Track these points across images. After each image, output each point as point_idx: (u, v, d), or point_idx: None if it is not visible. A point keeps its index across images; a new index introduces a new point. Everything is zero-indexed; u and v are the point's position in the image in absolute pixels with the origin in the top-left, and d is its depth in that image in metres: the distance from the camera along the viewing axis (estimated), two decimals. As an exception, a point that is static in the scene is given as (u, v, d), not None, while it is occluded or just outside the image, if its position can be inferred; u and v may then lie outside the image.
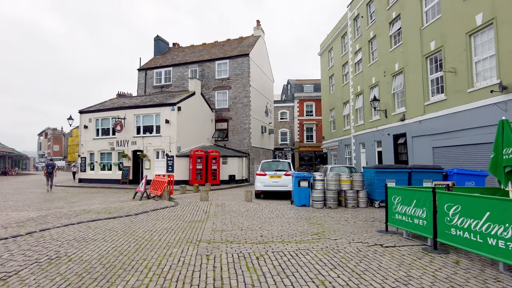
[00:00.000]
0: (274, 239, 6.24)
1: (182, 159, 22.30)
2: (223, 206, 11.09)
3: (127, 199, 13.88)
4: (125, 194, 16.55)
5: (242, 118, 26.90)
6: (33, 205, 12.24)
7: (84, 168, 24.98)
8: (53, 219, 8.62)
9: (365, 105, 22.95)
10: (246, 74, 26.90)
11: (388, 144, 19.73)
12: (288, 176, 12.97)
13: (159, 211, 10.18)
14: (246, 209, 10.37)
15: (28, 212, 10.16)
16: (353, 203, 10.81)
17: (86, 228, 7.30)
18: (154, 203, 12.13)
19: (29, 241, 6.02)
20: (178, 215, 9.39)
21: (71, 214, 9.49)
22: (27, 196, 15.75)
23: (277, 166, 13.46)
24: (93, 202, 13.01)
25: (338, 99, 28.60)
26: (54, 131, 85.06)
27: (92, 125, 24.94)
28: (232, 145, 27.09)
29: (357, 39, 24.48)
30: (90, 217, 8.88)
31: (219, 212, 9.83)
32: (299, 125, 45.42)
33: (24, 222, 8.13)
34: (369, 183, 11.20)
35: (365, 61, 22.92)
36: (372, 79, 21.71)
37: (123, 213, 9.66)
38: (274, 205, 11.27)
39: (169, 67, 29.79)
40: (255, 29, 31.37)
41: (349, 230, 7.23)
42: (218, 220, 8.38)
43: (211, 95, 27.96)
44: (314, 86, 46.91)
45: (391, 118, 19.31)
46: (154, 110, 22.81)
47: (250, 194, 12.25)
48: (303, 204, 10.89)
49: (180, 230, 7.11)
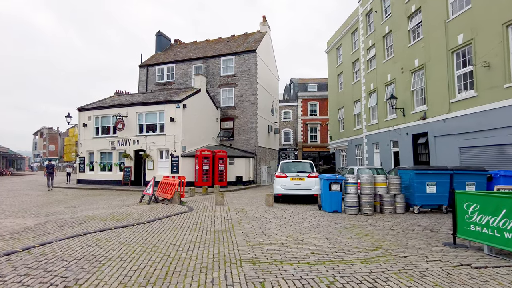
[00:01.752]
0: (330, 257, 5.07)
1: (188, 160, 21.07)
2: (244, 212, 9.91)
3: (134, 203, 12.64)
4: (130, 196, 15.29)
5: (249, 116, 25.71)
6: (29, 209, 10.97)
7: (83, 169, 23.64)
8: (54, 228, 7.39)
9: (380, 104, 21.87)
10: (253, 70, 25.73)
11: (406, 144, 18.66)
12: (311, 178, 11.82)
13: (174, 217, 8.98)
14: (272, 215, 9.19)
15: (24, 219, 8.90)
16: (390, 208, 9.68)
17: (95, 241, 6.08)
18: (164, 207, 10.91)
19: (27, 261, 4.79)
20: (198, 222, 8.19)
21: (74, 221, 8.25)
22: (22, 199, 14.44)
23: (298, 167, 12.29)
24: (96, 206, 11.76)
25: (348, 98, 27.52)
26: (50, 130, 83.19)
27: (91, 123, 23.62)
28: (238, 145, 25.89)
29: (370, 35, 23.41)
30: (97, 226, 7.65)
31: (243, 219, 8.64)
32: (302, 125, 44.32)
33: (20, 232, 6.89)
34: (406, 186, 10.08)
35: (380, 57, 21.84)
36: (388, 76, 20.63)
37: (133, 221, 8.44)
38: (301, 211, 10.10)
39: (172, 63, 28.52)
40: (261, 24, 30.21)
41: (408, 243, 6.08)
42: (247, 230, 7.20)
43: (216, 92, 26.74)
44: (318, 85, 45.84)
45: (409, 117, 18.24)
46: (158, 108, 21.54)
47: (271, 198, 11.07)
48: (335, 210, 9.73)
49: (209, 244, 5.91)
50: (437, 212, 10.06)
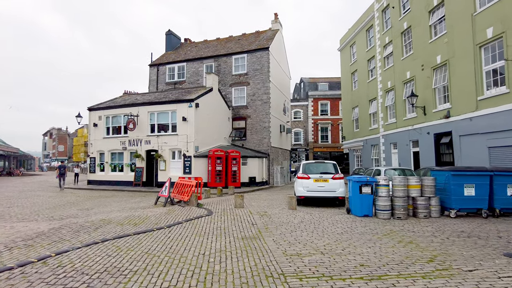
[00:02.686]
0: (383, 270, 4.46)
1: (200, 160, 20.55)
2: (268, 215, 9.30)
3: (148, 205, 12.14)
4: (143, 198, 14.79)
5: (262, 116, 25.11)
6: (42, 212, 10.52)
7: (93, 169, 23.28)
8: (69, 233, 6.87)
9: (398, 102, 21.12)
10: (266, 69, 25.13)
11: (427, 144, 17.90)
12: (336, 179, 11.16)
13: (194, 221, 8.41)
14: (299, 220, 8.57)
15: (37, 222, 8.42)
16: (425, 212, 8.99)
17: (115, 250, 5.53)
18: (182, 210, 10.36)
19: (43, 274, 4.25)
20: (221, 228, 7.61)
21: (89, 226, 7.74)
22: (34, 200, 14.05)
23: (322, 168, 11.63)
24: (110, 209, 11.27)
25: (363, 96, 26.77)
26: (59, 131, 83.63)
27: (102, 123, 23.25)
28: (250, 145, 25.31)
29: (387, 31, 22.66)
30: (114, 231, 7.12)
31: (269, 224, 8.04)
32: (313, 124, 43.60)
33: (34, 238, 6.39)
34: (441, 189, 9.38)
35: (397, 54, 21.09)
36: (407, 74, 19.87)
37: (152, 225, 7.90)
38: (328, 215, 9.46)
39: (183, 62, 28.06)
40: (272, 22, 29.58)
41: (463, 253, 5.43)
42: (278, 237, 6.60)
43: (228, 91, 26.20)
44: (329, 84, 45.07)
45: (431, 115, 17.48)
46: (170, 107, 21.06)
47: (294, 201, 10.45)
48: (365, 214, 9.07)
49: (241, 253, 5.33)
50: (475, 216, 9.35)
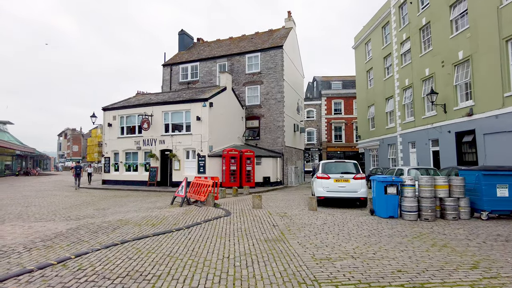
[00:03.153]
0: (425, 277, 4.11)
1: (214, 160, 20.36)
2: (288, 217, 9.00)
3: (165, 205, 11.97)
4: (159, 198, 14.66)
5: (275, 115, 24.79)
6: (59, 212, 10.45)
7: (108, 169, 23.35)
8: (87, 234, 6.71)
9: (416, 100, 20.52)
10: (280, 67, 24.79)
11: (448, 143, 17.29)
12: (357, 180, 10.77)
13: (213, 222, 8.17)
14: (321, 222, 8.24)
15: (54, 222, 8.32)
16: (454, 214, 8.54)
17: (136, 252, 5.31)
18: (199, 210, 10.14)
19: (64, 278, 4.05)
20: (242, 229, 7.34)
21: (106, 226, 7.58)
22: (50, 199, 14.06)
23: (342, 168, 11.24)
24: (126, 209, 11.14)
25: (379, 95, 26.18)
26: (73, 131, 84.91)
27: (116, 123, 23.31)
28: (264, 144, 25.02)
29: (404, 27, 22.07)
30: (132, 232, 6.93)
31: (290, 226, 7.73)
32: (326, 124, 43.02)
33: (52, 239, 6.24)
34: (471, 189, 8.91)
35: (415, 51, 20.49)
36: (425, 71, 19.27)
37: (170, 226, 7.69)
38: (351, 216, 9.10)
39: (196, 62, 27.96)
40: (286, 20, 29.23)
41: (508, 259, 5.03)
42: (303, 240, 6.29)
43: (241, 91, 25.96)
44: (342, 83, 44.42)
45: (452, 113, 16.88)
46: (184, 107, 20.94)
47: (314, 202, 10.10)
48: (391, 215, 8.68)
49: (267, 257, 5.04)
50: (509, 218, 8.85)
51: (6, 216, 9.52)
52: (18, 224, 7.86)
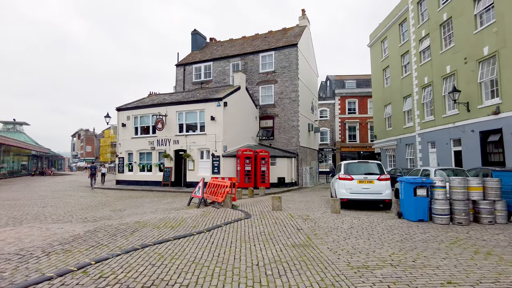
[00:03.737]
0: (480, 292, 3.70)
1: (229, 160, 20.08)
2: (312, 220, 8.60)
3: (181, 206, 11.71)
4: (175, 199, 14.43)
5: (290, 114, 24.37)
6: (75, 213, 10.29)
7: (122, 169, 23.31)
8: (106, 237, 6.46)
9: (436, 98, 19.84)
10: (294, 66, 24.37)
11: (471, 143, 16.61)
12: (382, 181, 10.30)
13: (234, 225, 7.84)
14: (348, 225, 7.82)
15: (71, 224, 8.12)
16: (490, 218, 8.02)
17: (158, 258, 5.01)
18: (217, 212, 9.84)
19: (85, 287, 3.77)
20: (265, 232, 6.99)
21: (125, 229, 7.32)
22: (66, 200, 13.98)
23: (365, 169, 10.78)
24: (143, 210, 10.91)
25: (396, 93, 25.51)
26: (87, 132, 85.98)
27: (130, 123, 23.26)
28: (278, 144, 24.62)
29: (423, 24, 21.38)
30: (152, 236, 6.65)
31: (316, 229, 7.34)
32: (340, 123, 42.31)
33: (70, 242, 6.00)
34: (508, 191, 8.37)
35: (435, 48, 19.80)
36: (446, 68, 18.59)
37: (190, 228, 7.39)
38: (378, 220, 8.65)
39: (209, 61, 27.75)
40: (300, 18, 28.79)
41: None
42: (332, 245, 5.90)
43: (255, 90, 25.62)
44: (356, 82, 43.66)
45: (476, 112, 16.19)
46: (198, 106, 20.73)
47: (337, 204, 9.68)
48: (420, 218, 8.20)
49: (299, 265, 4.68)
50: (548, 223, 8.28)
51: (24, 217, 9.40)
52: (35, 226, 7.68)
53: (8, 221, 8.68)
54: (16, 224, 8.11)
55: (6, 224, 8.21)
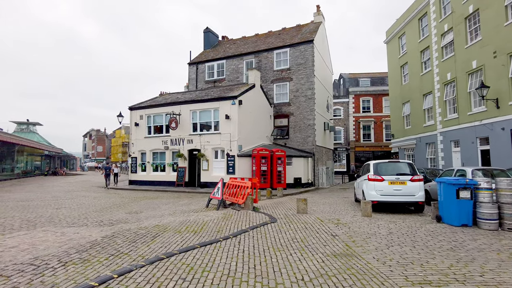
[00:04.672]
0: None
1: (244, 159, 19.52)
2: (343, 224, 7.96)
3: (199, 208, 11.17)
4: (191, 200, 13.91)
5: (306, 113, 23.69)
6: (90, 215, 9.84)
7: (135, 169, 22.95)
8: (125, 244, 5.94)
9: (460, 95, 18.93)
10: (310, 63, 23.68)
11: (501, 141, 15.72)
12: (415, 182, 9.59)
13: (260, 230, 7.26)
14: (386, 231, 7.16)
15: (87, 228, 7.63)
16: (543, 223, 7.26)
17: (187, 269, 4.45)
18: (239, 215, 9.27)
19: (110, 308, 3.23)
20: (297, 239, 6.38)
21: (144, 234, 6.80)
22: (80, 201, 13.60)
23: (396, 169, 10.08)
24: (160, 212, 10.41)
25: (415, 91, 24.60)
26: (98, 132, 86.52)
27: (143, 122, 22.89)
28: (293, 143, 23.97)
29: (446, 18, 20.45)
30: (175, 242, 6.11)
31: (352, 235, 6.71)
32: (354, 122, 41.39)
33: (88, 250, 5.49)
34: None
35: (460, 42, 18.88)
36: (472, 63, 17.68)
37: (214, 233, 6.83)
38: (415, 224, 7.96)
39: (222, 59, 27.24)
40: (315, 14, 28.07)
41: None
42: (377, 255, 5.26)
43: (269, 88, 25.02)
44: (371, 80, 42.69)
45: (506, 108, 15.31)
46: (213, 105, 20.22)
47: (369, 207, 9.01)
48: (464, 223, 7.50)
49: (352, 280, 4.06)
50: None
51: (38, 219, 8.97)
52: (50, 230, 7.22)
53: (22, 224, 8.25)
54: (30, 228, 7.66)
55: (20, 227, 7.77)
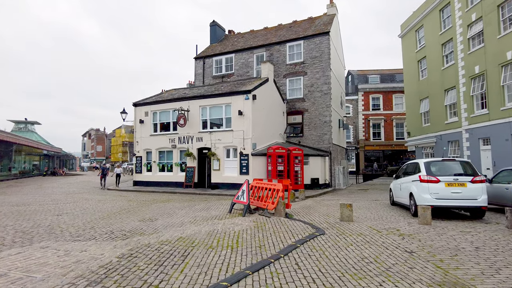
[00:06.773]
0: None
1: (258, 159, 18.10)
2: (406, 235, 6.55)
3: (221, 214, 9.74)
4: (207, 204, 12.45)
5: (321, 109, 22.28)
6: (97, 224, 8.39)
7: (139, 169, 21.49)
8: (149, 268, 4.51)
9: (491, 89, 17.55)
10: (326, 56, 22.27)
11: (542, 138, 14.35)
12: (477, 183, 8.19)
13: (311, 245, 5.84)
14: (469, 246, 5.74)
15: (97, 243, 6.20)
16: None
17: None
18: (271, 223, 7.85)
19: None
20: (369, 259, 4.97)
21: (170, 251, 5.38)
22: (83, 205, 12.14)
23: (453, 168, 8.67)
24: (179, 220, 8.96)
25: (435, 86, 23.20)
26: (97, 131, 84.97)
27: (148, 119, 21.43)
28: (308, 142, 22.56)
29: (474, 6, 19.04)
30: (214, 264, 4.69)
31: (432, 251, 5.29)
32: (364, 120, 40.01)
33: (103, 280, 4.06)
34: None
35: (491, 32, 17.49)
36: (507, 54, 16.31)
37: (255, 249, 5.40)
38: (491, 234, 6.55)
39: (231, 53, 25.80)
40: (328, 6, 26.64)
41: None
42: (489, 281, 3.87)
43: (281, 83, 23.59)
44: (380, 77, 41.33)
45: (548, 102, 13.93)
46: (224, 100, 18.77)
47: (428, 213, 7.60)
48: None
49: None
50: None
51: (35, 229, 7.53)
52: (50, 246, 5.79)
53: (15, 237, 6.81)
54: (24, 243, 6.23)
55: (12, 242, 6.33)
